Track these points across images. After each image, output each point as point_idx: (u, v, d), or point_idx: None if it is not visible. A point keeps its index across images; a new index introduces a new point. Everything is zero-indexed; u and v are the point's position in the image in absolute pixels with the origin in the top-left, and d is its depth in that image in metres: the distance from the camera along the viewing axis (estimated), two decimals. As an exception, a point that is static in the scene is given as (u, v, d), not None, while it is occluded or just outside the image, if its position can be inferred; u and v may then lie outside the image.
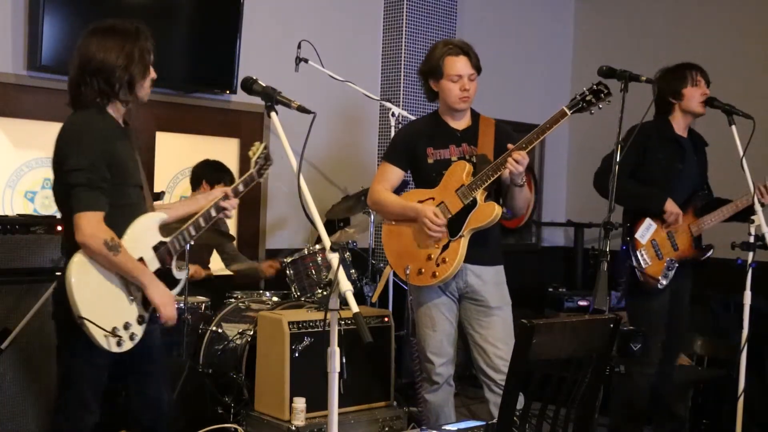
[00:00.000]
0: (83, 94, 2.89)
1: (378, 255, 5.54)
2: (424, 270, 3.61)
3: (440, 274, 3.58)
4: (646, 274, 3.96)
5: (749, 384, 3.80)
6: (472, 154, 3.64)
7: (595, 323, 2.54)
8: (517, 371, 2.37)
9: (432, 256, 3.60)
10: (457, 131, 3.71)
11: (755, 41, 6.00)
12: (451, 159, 3.66)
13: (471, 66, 3.64)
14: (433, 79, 3.68)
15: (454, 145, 3.68)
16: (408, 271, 3.64)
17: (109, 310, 2.85)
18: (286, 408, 3.93)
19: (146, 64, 2.95)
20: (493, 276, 3.69)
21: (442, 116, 3.74)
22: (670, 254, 4.02)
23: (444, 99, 3.68)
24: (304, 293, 4.33)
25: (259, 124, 5.56)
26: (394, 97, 5.90)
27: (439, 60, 3.63)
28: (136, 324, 2.91)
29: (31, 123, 4.69)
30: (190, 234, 3.06)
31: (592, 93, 3.42)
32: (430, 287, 3.65)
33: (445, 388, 3.73)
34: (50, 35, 4.49)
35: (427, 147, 3.68)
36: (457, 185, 3.59)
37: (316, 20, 5.71)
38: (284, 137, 2.58)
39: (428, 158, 3.68)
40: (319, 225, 2.51)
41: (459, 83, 3.61)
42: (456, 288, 3.67)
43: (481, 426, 2.88)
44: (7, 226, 3.78)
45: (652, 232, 4.02)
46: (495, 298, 3.66)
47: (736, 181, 3.96)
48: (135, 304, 2.92)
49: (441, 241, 3.58)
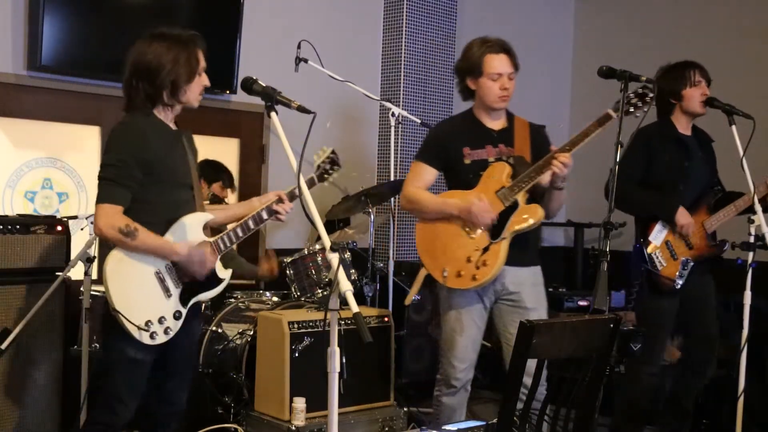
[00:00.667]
0: (132, 97, 3.01)
1: (378, 255, 5.54)
2: (464, 273, 3.49)
3: (480, 278, 3.47)
4: (661, 275, 3.96)
5: (749, 384, 3.80)
6: (510, 155, 3.56)
7: (595, 323, 2.54)
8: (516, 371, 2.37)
9: (471, 259, 3.49)
10: (493, 131, 3.63)
11: (756, 41, 6.00)
12: (488, 160, 3.57)
13: (511, 64, 3.57)
14: (472, 77, 3.59)
15: (490, 145, 3.59)
16: (446, 274, 3.52)
17: (144, 304, 2.94)
18: (286, 408, 3.93)
19: (192, 69, 3.01)
20: (531, 277, 3.63)
21: (478, 116, 3.65)
22: (684, 254, 4.00)
23: (482, 97, 3.60)
24: (304, 293, 4.33)
25: (259, 124, 5.57)
26: (394, 97, 5.90)
27: (480, 57, 3.54)
28: (172, 319, 2.98)
29: (31, 123, 4.69)
30: (237, 235, 3.12)
31: (638, 96, 3.34)
32: (465, 290, 3.54)
33: (461, 392, 3.67)
34: (50, 35, 4.49)
35: (463, 147, 3.59)
36: (497, 187, 3.50)
37: (316, 20, 5.71)
38: (284, 137, 2.58)
39: (465, 158, 3.59)
40: (319, 225, 2.51)
41: (499, 82, 3.54)
42: (492, 291, 3.58)
43: (481, 426, 2.88)
44: (7, 226, 3.79)
45: (665, 233, 4.01)
46: (531, 299, 3.59)
47: (736, 181, 3.96)
48: (172, 300, 3.00)
49: (481, 243, 3.48)
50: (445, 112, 6.19)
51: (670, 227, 4.01)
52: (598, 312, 2.77)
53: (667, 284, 3.96)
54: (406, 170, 5.95)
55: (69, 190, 4.84)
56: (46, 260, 3.87)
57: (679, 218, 3.97)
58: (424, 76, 6.05)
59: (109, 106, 4.82)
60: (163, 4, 4.98)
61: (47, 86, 4.65)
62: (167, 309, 2.98)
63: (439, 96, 6.14)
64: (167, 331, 2.96)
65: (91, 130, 4.92)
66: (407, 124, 5.81)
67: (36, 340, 3.83)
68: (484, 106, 3.62)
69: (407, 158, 6.00)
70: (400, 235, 5.95)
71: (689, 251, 4.02)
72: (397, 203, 5.85)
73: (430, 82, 6.08)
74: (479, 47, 3.57)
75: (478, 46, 3.58)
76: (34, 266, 3.85)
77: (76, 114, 4.81)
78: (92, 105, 4.82)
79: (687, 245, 4.02)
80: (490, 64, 3.54)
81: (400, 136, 5.90)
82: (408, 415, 4.46)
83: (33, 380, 3.83)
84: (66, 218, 4.03)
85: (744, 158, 3.79)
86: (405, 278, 5.42)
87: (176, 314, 3.00)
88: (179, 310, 3.01)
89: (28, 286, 3.81)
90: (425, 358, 5.51)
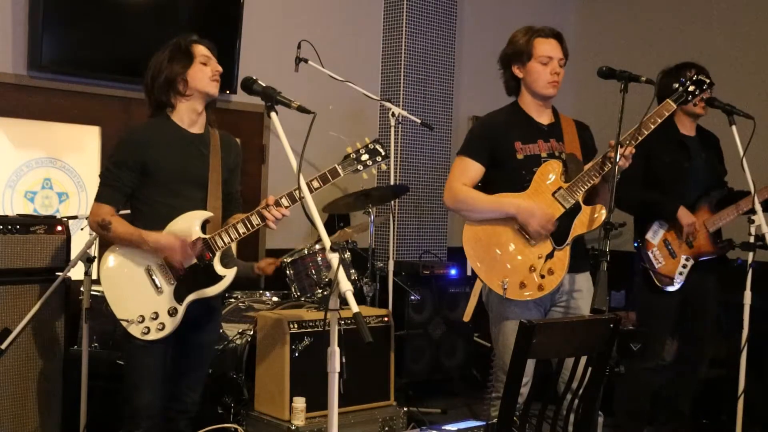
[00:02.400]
0: (149, 104, 3.19)
1: (378, 255, 5.54)
2: (527, 283, 3.20)
3: (547, 287, 3.21)
4: (660, 273, 3.96)
5: (749, 384, 3.80)
6: (561, 151, 3.33)
7: (595, 323, 2.54)
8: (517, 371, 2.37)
9: (535, 267, 3.20)
10: (543, 125, 3.40)
11: (756, 41, 6.00)
12: (541, 155, 3.32)
13: (561, 50, 3.36)
14: (519, 64, 3.37)
15: (542, 140, 3.35)
16: (506, 286, 3.18)
17: (136, 299, 3.03)
18: (286, 408, 3.93)
19: (183, 60, 3.12)
20: (586, 283, 3.37)
21: (526, 109, 3.41)
22: (685, 252, 4.01)
23: (531, 84, 3.36)
24: (304, 293, 4.33)
25: (259, 124, 5.57)
26: (394, 97, 5.90)
27: (528, 42, 3.33)
28: (166, 315, 3.03)
29: (31, 123, 4.69)
30: (238, 232, 3.12)
31: (695, 83, 3.25)
32: (522, 301, 3.24)
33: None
34: (50, 35, 4.49)
35: (515, 141, 3.32)
36: (553, 188, 3.25)
37: (316, 20, 5.71)
38: (284, 137, 2.58)
39: (517, 154, 3.31)
40: (319, 225, 2.51)
41: (549, 66, 3.32)
42: (549, 300, 3.32)
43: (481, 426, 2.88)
44: (8, 226, 3.78)
45: (663, 232, 4.01)
46: (586, 307, 3.25)
47: (737, 181, 3.96)
48: (164, 296, 3.05)
49: (544, 250, 3.21)
50: (445, 112, 6.19)
51: (667, 226, 4.01)
52: (598, 312, 2.77)
53: (665, 282, 3.96)
54: (406, 170, 5.98)
55: (69, 190, 4.84)
56: (46, 260, 3.87)
57: (682, 218, 3.97)
58: (424, 76, 6.05)
59: (109, 106, 4.82)
60: (164, 5, 4.97)
61: (47, 86, 4.65)
62: (160, 305, 3.04)
63: (439, 96, 6.14)
64: (161, 327, 3.02)
65: (91, 130, 4.92)
66: (407, 124, 5.81)
67: (36, 340, 3.83)
68: (532, 95, 3.39)
69: (407, 158, 6.00)
70: (400, 235, 5.96)
71: (690, 250, 4.02)
72: (397, 203, 5.86)
73: (430, 82, 6.08)
74: (526, 33, 3.38)
75: (525, 32, 3.39)
76: (34, 266, 3.84)
77: (76, 114, 4.81)
78: (92, 105, 4.82)
79: (687, 244, 4.02)
80: (540, 47, 3.33)
81: (400, 136, 5.90)
82: (408, 415, 4.45)
83: (33, 380, 3.83)
84: (66, 218, 4.03)
85: (744, 158, 3.79)
86: (405, 278, 5.42)
87: (171, 311, 3.04)
88: (174, 307, 3.05)
89: (28, 286, 3.81)
90: (425, 358, 5.52)
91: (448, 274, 5.69)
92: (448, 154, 6.24)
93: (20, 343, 3.72)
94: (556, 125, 3.41)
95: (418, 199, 6.07)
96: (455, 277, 5.71)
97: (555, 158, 3.31)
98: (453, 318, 5.63)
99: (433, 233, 6.20)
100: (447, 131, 6.23)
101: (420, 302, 5.47)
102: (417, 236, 6.10)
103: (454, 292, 5.67)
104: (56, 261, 3.89)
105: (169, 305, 3.05)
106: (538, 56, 3.32)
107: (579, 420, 2.52)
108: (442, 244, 6.26)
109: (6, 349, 3.60)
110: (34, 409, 3.84)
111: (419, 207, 6.09)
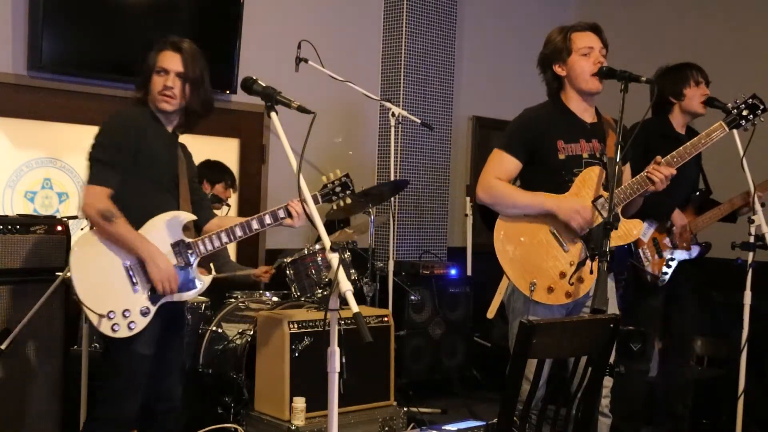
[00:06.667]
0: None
1: (378, 255, 5.54)
2: (556, 288, 3.14)
3: (575, 295, 3.15)
4: (647, 272, 3.97)
5: (749, 384, 3.81)
6: (603, 153, 3.24)
7: (595, 323, 2.54)
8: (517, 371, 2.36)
9: (566, 274, 3.14)
10: (586, 123, 3.29)
11: (756, 40, 6.00)
12: (582, 156, 3.23)
13: (600, 41, 3.29)
14: (559, 62, 3.27)
15: (584, 139, 3.25)
16: (533, 288, 3.11)
17: (108, 294, 2.93)
18: (286, 408, 3.93)
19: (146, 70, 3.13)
20: (611, 287, 3.26)
21: (569, 105, 3.30)
22: (670, 252, 4.04)
23: (574, 79, 3.25)
24: (304, 293, 4.33)
25: (259, 124, 5.57)
26: (394, 97, 5.90)
27: (565, 38, 3.26)
28: (138, 314, 2.96)
29: (31, 123, 4.69)
30: (221, 240, 3.10)
31: (748, 107, 3.22)
32: (548, 305, 3.17)
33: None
34: (50, 35, 4.50)
35: (557, 139, 3.21)
36: (594, 195, 3.17)
37: (316, 20, 5.72)
38: (284, 137, 2.58)
39: (559, 153, 3.21)
40: (319, 225, 2.51)
41: (591, 56, 3.23)
42: (574, 301, 3.23)
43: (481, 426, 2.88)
44: (8, 226, 3.78)
45: (652, 230, 4.03)
46: (613, 309, 3.17)
47: (737, 181, 3.96)
48: (139, 295, 2.98)
49: (576, 257, 3.16)
50: (445, 112, 6.19)
51: (656, 225, 4.02)
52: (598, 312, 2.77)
53: (652, 280, 3.98)
54: (406, 170, 5.98)
55: (69, 190, 4.84)
56: (46, 260, 3.87)
57: (676, 219, 4.01)
58: (424, 76, 6.05)
59: (109, 106, 4.81)
60: (164, 5, 4.97)
61: (47, 86, 4.65)
62: (133, 303, 2.97)
63: (439, 96, 6.14)
64: (131, 326, 2.94)
65: (91, 130, 4.86)
66: (407, 124, 5.81)
67: (36, 340, 3.83)
68: (577, 90, 3.27)
69: (407, 158, 6.00)
70: (400, 235, 5.96)
71: (675, 250, 4.05)
72: (397, 203, 5.86)
73: (430, 82, 6.09)
74: (561, 30, 3.31)
75: (560, 30, 3.32)
76: (34, 266, 3.85)
77: (76, 114, 4.80)
78: (92, 105, 4.82)
79: (672, 244, 4.04)
80: (579, 40, 3.26)
81: (400, 136, 5.91)
82: (408, 415, 4.46)
83: (33, 380, 3.83)
84: (66, 218, 4.03)
85: (744, 158, 3.79)
86: (405, 278, 5.42)
87: (143, 310, 2.98)
88: (147, 307, 2.99)
89: (28, 286, 3.81)
90: (425, 358, 5.52)
91: (448, 274, 5.69)
92: (448, 154, 6.24)
93: (20, 343, 3.72)
94: (599, 124, 3.32)
95: (418, 200, 6.07)
96: (455, 277, 5.72)
97: (595, 160, 3.23)
98: (453, 318, 5.63)
99: (433, 233, 6.20)
100: (447, 131, 6.23)
101: (420, 302, 5.47)
102: (417, 236, 6.10)
103: (454, 292, 5.67)
104: (56, 261, 3.89)
105: (142, 305, 2.98)
106: (578, 49, 3.25)
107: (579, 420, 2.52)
108: (442, 244, 6.27)
109: (6, 349, 3.60)
110: (34, 409, 3.83)
111: (419, 207, 6.09)
